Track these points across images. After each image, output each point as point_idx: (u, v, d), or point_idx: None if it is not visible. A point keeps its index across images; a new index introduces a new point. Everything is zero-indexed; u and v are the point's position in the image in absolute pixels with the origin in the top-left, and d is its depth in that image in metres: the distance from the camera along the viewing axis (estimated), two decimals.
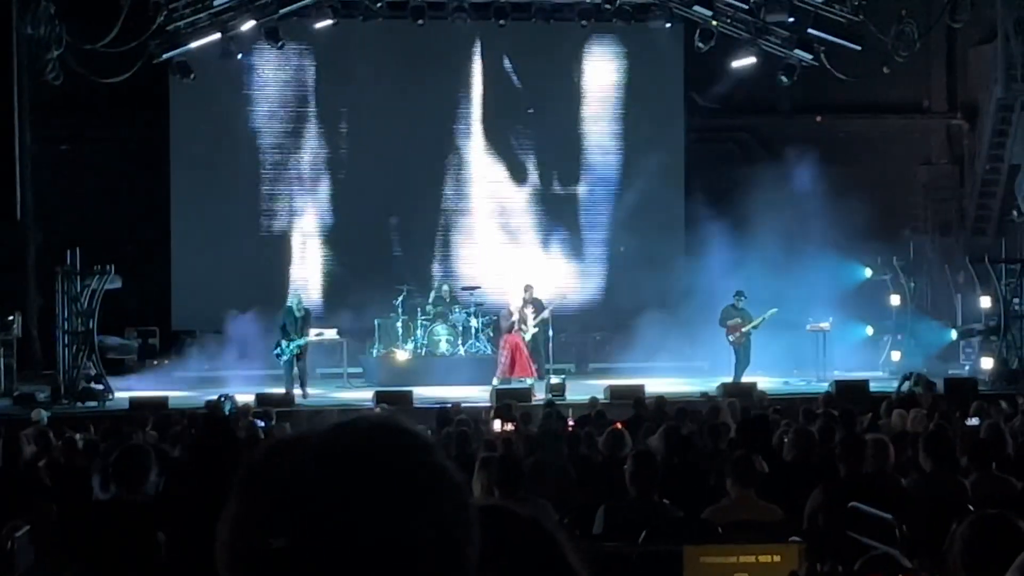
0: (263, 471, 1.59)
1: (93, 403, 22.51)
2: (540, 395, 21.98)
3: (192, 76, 26.84)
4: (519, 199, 29.67)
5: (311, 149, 29.17)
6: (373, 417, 1.67)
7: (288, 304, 24.13)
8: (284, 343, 23.37)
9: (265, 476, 1.58)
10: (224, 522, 1.59)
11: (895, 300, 27.31)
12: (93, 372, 23.29)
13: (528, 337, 24.44)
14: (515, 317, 24.28)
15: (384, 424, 1.65)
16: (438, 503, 1.59)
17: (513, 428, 15.37)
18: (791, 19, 26.81)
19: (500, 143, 29.62)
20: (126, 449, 7.75)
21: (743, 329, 24.21)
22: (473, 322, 25.96)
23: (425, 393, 22.28)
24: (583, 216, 29.95)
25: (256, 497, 1.57)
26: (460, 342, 25.86)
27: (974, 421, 13.95)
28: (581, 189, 29.94)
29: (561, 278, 28.90)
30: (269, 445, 1.64)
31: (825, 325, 25.13)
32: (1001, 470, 9.72)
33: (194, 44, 26.35)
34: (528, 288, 25.18)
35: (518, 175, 29.66)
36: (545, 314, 24.67)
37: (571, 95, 29.82)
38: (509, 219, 29.62)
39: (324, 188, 29.26)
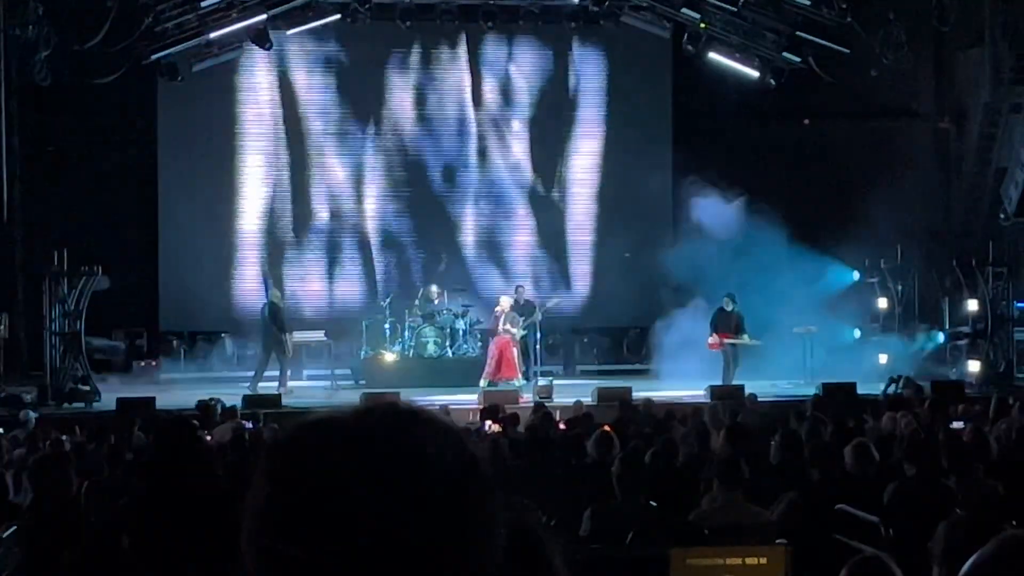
0: (289, 458, 1.51)
1: (80, 404, 22.47)
2: (527, 397, 21.98)
3: (180, 78, 26.83)
4: (506, 201, 29.63)
5: (297, 150, 29.11)
6: (399, 404, 1.60)
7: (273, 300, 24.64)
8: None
9: (291, 466, 1.50)
10: (249, 512, 1.51)
11: (883, 303, 27.30)
12: (80, 373, 23.23)
13: (518, 339, 24.47)
14: (502, 320, 24.30)
15: (415, 412, 1.59)
16: (470, 495, 1.54)
17: (500, 430, 15.36)
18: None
19: (486, 145, 29.60)
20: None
21: (726, 340, 24.14)
22: (460, 324, 25.92)
23: (413, 395, 22.22)
24: (570, 219, 29.92)
25: (282, 487, 1.50)
26: (448, 344, 25.81)
27: (959, 424, 13.97)
28: (568, 191, 29.90)
29: (548, 281, 28.95)
30: (294, 429, 1.57)
31: (812, 328, 25.10)
32: (986, 473, 9.74)
33: (182, 46, 26.33)
34: (518, 290, 25.34)
35: (504, 177, 29.62)
36: (535, 316, 24.69)
37: (559, 97, 29.80)
38: (496, 221, 29.60)
39: (310, 188, 29.20)
